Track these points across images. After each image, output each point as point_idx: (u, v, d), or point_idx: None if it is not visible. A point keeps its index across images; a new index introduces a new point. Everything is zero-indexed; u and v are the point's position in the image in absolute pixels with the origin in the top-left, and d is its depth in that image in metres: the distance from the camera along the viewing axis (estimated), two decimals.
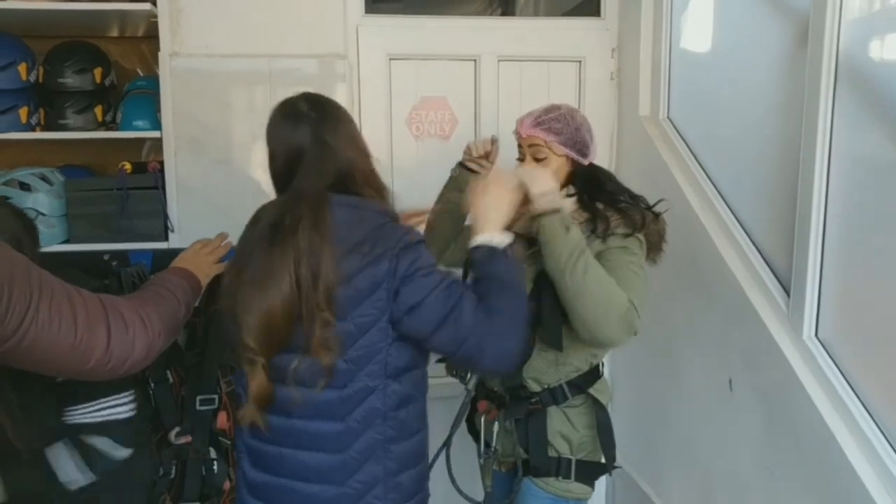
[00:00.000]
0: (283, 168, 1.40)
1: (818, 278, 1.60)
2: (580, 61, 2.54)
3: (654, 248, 1.70)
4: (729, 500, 1.91)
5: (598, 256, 1.57)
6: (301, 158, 1.36)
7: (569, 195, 1.69)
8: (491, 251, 1.34)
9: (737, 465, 1.85)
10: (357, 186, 1.38)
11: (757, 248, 1.84)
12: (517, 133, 1.72)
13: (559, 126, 1.66)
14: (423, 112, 2.49)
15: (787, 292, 1.69)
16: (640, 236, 1.64)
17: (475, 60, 2.48)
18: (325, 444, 1.34)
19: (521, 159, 1.71)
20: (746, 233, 1.89)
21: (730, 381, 1.85)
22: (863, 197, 1.50)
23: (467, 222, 1.81)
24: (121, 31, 2.44)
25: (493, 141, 1.79)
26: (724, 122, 2.05)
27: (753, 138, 1.90)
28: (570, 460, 1.68)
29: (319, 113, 1.39)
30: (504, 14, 2.88)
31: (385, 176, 2.38)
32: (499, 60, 2.48)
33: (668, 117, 2.31)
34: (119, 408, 1.36)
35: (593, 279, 1.47)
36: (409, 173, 2.49)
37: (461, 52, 2.47)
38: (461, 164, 1.84)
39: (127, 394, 1.37)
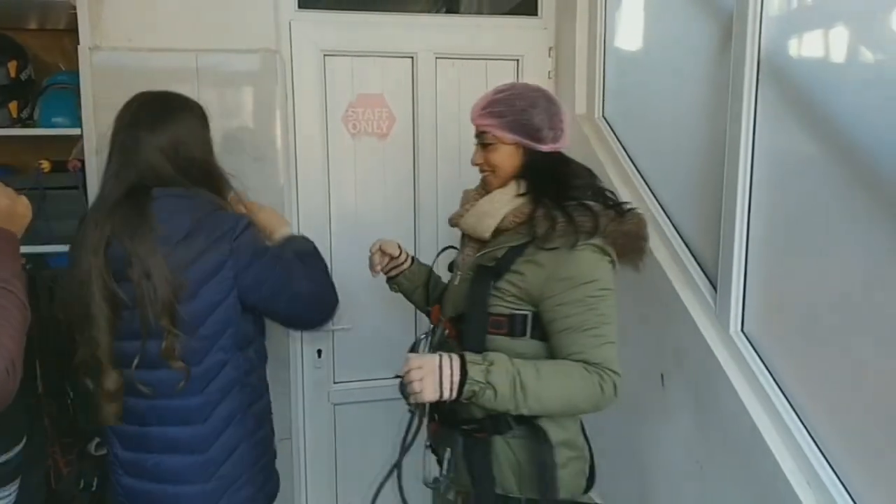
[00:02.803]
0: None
1: (743, 273, 1.63)
2: (518, 60, 2.54)
3: (627, 250, 1.47)
4: (664, 494, 1.94)
5: (537, 271, 1.40)
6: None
7: (519, 194, 1.48)
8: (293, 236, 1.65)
9: (670, 458, 1.88)
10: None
11: (687, 244, 1.87)
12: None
13: (501, 108, 1.46)
14: (360, 109, 2.45)
15: (716, 288, 1.72)
16: (598, 242, 1.40)
17: (412, 57, 2.45)
18: (188, 417, 1.46)
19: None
20: (677, 230, 1.92)
21: (661, 377, 1.88)
22: (784, 192, 1.53)
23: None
24: (40, 23, 2.32)
25: (379, 249, 1.79)
26: (656, 121, 2.08)
27: (683, 136, 1.93)
28: (519, 500, 1.45)
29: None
30: (449, 12, 2.86)
31: (321, 175, 2.39)
32: (436, 58, 2.47)
33: (602, 116, 2.33)
34: None
35: (548, 396, 1.36)
36: (346, 172, 2.45)
37: (398, 49, 2.44)
38: (391, 280, 1.85)
39: None
